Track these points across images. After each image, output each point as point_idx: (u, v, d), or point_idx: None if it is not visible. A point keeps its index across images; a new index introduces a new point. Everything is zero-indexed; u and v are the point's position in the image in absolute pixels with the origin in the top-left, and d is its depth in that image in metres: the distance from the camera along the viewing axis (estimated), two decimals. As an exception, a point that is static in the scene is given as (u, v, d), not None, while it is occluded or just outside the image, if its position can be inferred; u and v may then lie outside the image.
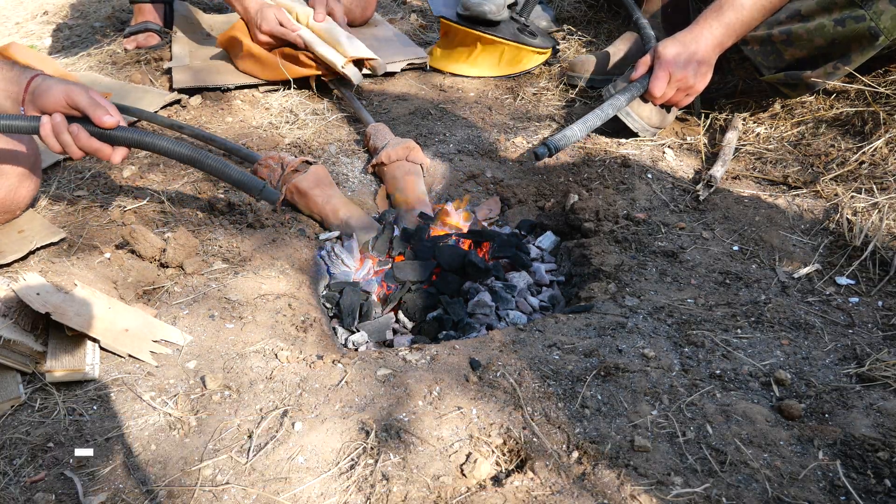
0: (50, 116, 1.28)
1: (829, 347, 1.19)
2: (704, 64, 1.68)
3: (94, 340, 1.17)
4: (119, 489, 0.96)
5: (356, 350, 1.36)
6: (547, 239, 1.66)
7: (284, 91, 2.17)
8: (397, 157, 1.77)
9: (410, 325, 1.45)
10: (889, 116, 1.66)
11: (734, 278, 1.37)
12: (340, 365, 1.18)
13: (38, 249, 1.42)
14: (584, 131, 1.70)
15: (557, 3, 2.73)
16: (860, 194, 1.52)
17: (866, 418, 1.03)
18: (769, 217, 1.53)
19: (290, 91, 2.17)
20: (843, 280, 1.35)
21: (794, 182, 1.63)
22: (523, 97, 2.18)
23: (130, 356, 1.18)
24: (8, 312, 1.17)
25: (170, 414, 1.08)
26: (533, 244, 1.67)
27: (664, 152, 1.81)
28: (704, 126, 1.90)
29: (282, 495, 0.95)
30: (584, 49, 2.46)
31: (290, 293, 1.38)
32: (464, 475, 0.97)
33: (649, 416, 1.05)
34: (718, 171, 1.63)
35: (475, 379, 1.12)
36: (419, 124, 2.03)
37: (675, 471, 0.96)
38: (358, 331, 1.41)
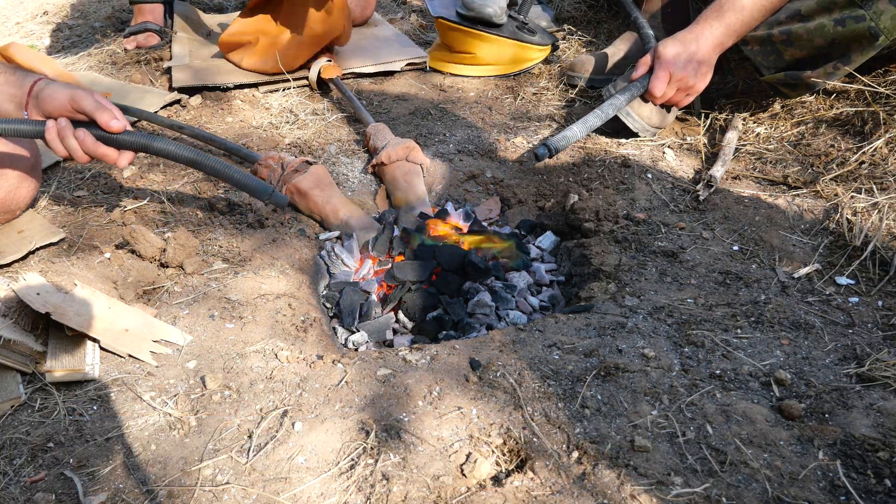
0: (55, 121, 1.28)
1: (829, 347, 1.19)
2: (704, 64, 1.68)
3: (94, 340, 1.17)
4: (119, 489, 0.96)
5: (356, 350, 1.36)
6: (547, 239, 1.66)
7: (284, 91, 2.17)
8: (397, 158, 1.77)
9: (410, 325, 1.45)
10: (889, 116, 1.66)
11: (734, 278, 1.37)
12: (340, 365, 1.18)
13: (38, 249, 1.42)
14: (585, 131, 1.70)
15: (557, 3, 2.73)
16: (860, 194, 1.52)
17: (866, 418, 1.03)
18: (769, 217, 1.53)
19: (290, 91, 2.17)
20: (843, 280, 1.35)
21: (794, 182, 1.63)
22: (523, 97, 2.18)
23: (130, 356, 1.18)
24: (8, 312, 1.17)
25: (170, 414, 1.08)
26: (533, 244, 1.67)
27: (664, 152, 1.81)
28: (704, 126, 1.90)
29: (282, 495, 0.95)
30: (584, 49, 2.46)
31: (290, 293, 1.38)
32: (464, 475, 0.97)
33: (649, 416, 1.05)
34: (718, 171, 1.63)
35: (475, 379, 1.12)
36: (419, 124, 2.03)
37: (675, 471, 0.96)
38: (358, 331, 1.41)
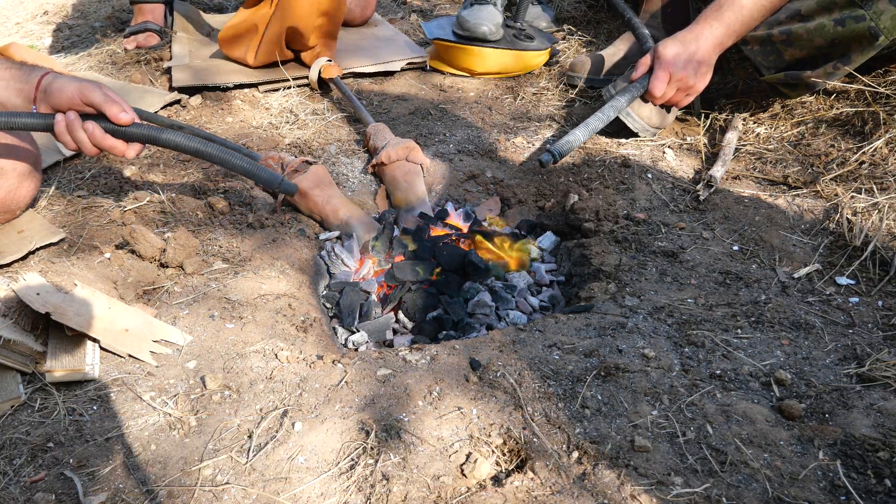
0: (64, 114, 1.30)
1: (830, 347, 1.19)
2: (704, 64, 1.68)
3: (94, 340, 1.17)
4: (119, 489, 0.96)
5: (356, 350, 1.36)
6: (547, 239, 1.66)
7: (284, 91, 2.17)
8: (397, 158, 1.77)
9: (410, 325, 1.45)
10: (889, 116, 1.66)
11: (734, 278, 1.37)
12: (340, 365, 1.18)
13: (38, 249, 1.42)
14: (587, 135, 1.70)
15: (557, 3, 2.73)
16: (860, 194, 1.52)
17: (866, 418, 1.03)
18: (769, 217, 1.53)
19: (290, 91, 2.17)
20: (843, 280, 1.35)
21: (794, 182, 1.63)
22: (523, 97, 2.18)
23: (130, 356, 1.18)
24: (8, 312, 1.16)
25: (170, 414, 1.07)
26: (533, 244, 1.66)
27: (664, 152, 1.81)
28: (704, 126, 1.90)
29: (282, 495, 0.95)
30: (584, 49, 2.46)
31: (290, 293, 1.38)
32: (464, 475, 0.97)
33: (649, 417, 1.05)
34: (718, 171, 1.63)
35: (475, 379, 1.12)
36: (419, 124, 2.03)
37: (676, 471, 0.96)
38: (358, 331, 1.41)
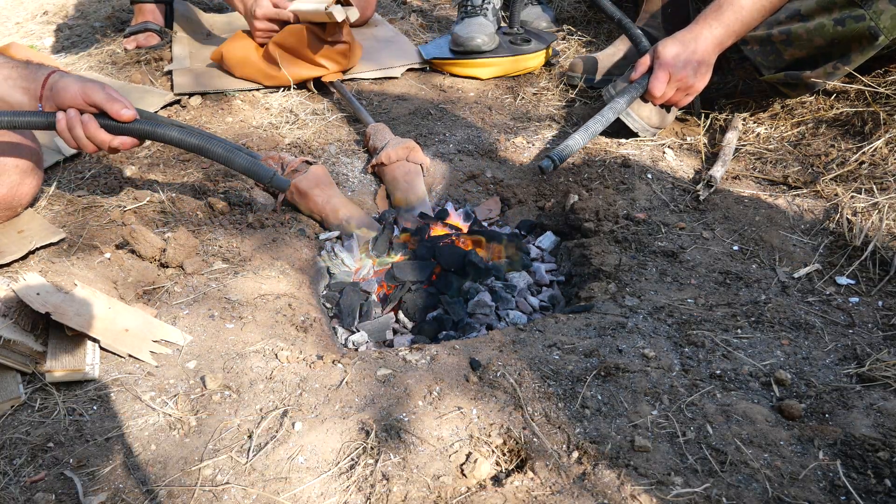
0: (65, 112, 1.32)
1: (830, 347, 1.19)
2: (704, 64, 1.68)
3: (94, 340, 1.17)
4: (119, 489, 0.96)
5: (356, 350, 1.36)
6: (547, 239, 1.66)
7: (284, 91, 2.17)
8: (397, 158, 1.76)
9: (410, 325, 1.45)
10: (889, 116, 1.66)
11: (734, 278, 1.37)
12: (340, 365, 1.18)
13: (38, 249, 1.42)
14: (587, 138, 1.70)
15: (557, 3, 2.74)
16: (860, 194, 1.52)
17: (866, 418, 1.03)
18: (769, 217, 1.53)
19: (290, 91, 2.17)
20: (843, 280, 1.35)
21: (794, 182, 1.63)
22: (523, 97, 2.18)
23: (130, 356, 1.18)
24: (8, 312, 1.17)
25: (170, 414, 1.07)
26: (533, 244, 1.67)
27: (664, 152, 1.81)
28: (704, 126, 1.90)
29: (282, 495, 0.95)
30: (584, 49, 2.46)
31: (290, 293, 1.38)
32: (464, 475, 0.97)
33: (649, 416, 1.05)
34: (718, 171, 1.63)
35: (475, 379, 1.12)
36: (419, 124, 2.03)
37: (676, 471, 0.96)
38: (358, 331, 1.41)
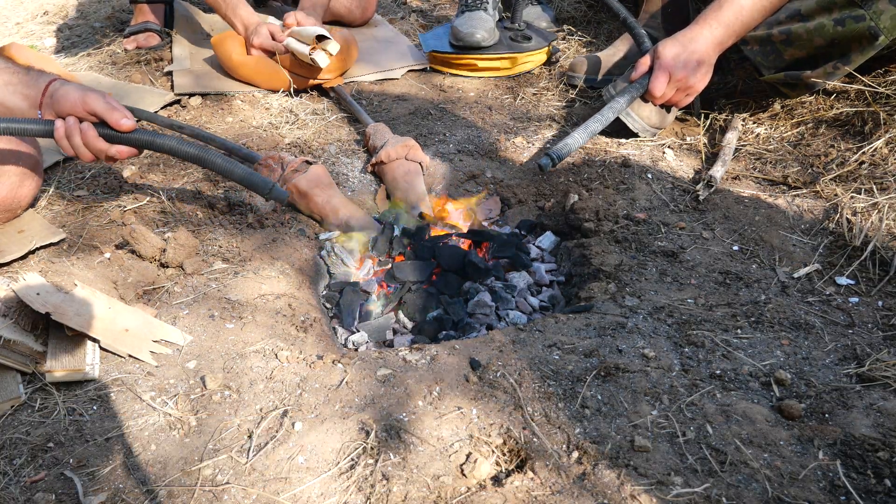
0: (63, 120, 1.31)
1: (829, 347, 1.19)
2: (704, 64, 1.68)
3: (94, 340, 1.17)
4: (119, 489, 0.96)
5: (356, 350, 1.36)
6: (547, 239, 1.66)
7: (284, 91, 2.17)
8: (397, 156, 1.76)
9: (410, 325, 1.45)
10: (889, 116, 1.66)
11: (734, 278, 1.37)
12: (340, 365, 1.18)
13: (38, 249, 1.42)
14: (586, 137, 1.70)
15: (557, 4, 2.73)
16: (860, 194, 1.52)
17: (866, 418, 1.03)
18: (769, 217, 1.53)
19: (290, 92, 2.17)
20: (843, 280, 1.35)
21: (794, 182, 1.63)
22: (523, 97, 2.18)
23: (130, 356, 1.18)
24: (8, 312, 1.17)
25: (170, 414, 1.08)
26: (533, 244, 1.66)
27: (664, 152, 1.81)
28: (704, 126, 1.90)
29: (282, 495, 0.95)
30: (584, 49, 2.46)
31: (290, 293, 1.38)
32: (464, 475, 0.97)
33: (649, 416, 1.05)
34: (718, 172, 1.63)
35: (475, 379, 1.12)
36: (419, 124, 2.03)
37: (676, 471, 0.96)
38: (358, 331, 1.41)
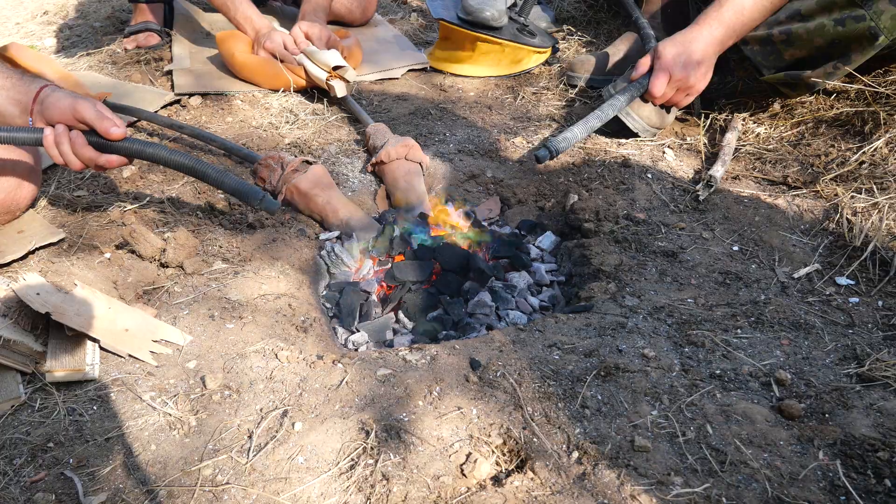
0: (52, 128, 1.29)
1: (829, 347, 1.19)
2: (704, 64, 1.68)
3: (94, 340, 1.17)
4: (119, 489, 0.96)
5: (356, 350, 1.36)
6: (547, 239, 1.66)
7: (284, 91, 2.17)
8: (397, 156, 1.76)
9: (410, 325, 1.45)
10: (889, 116, 1.66)
11: (734, 278, 1.37)
12: (340, 365, 1.18)
13: (38, 249, 1.42)
14: (585, 132, 1.69)
15: (557, 3, 2.73)
16: (860, 194, 1.52)
17: (866, 418, 1.03)
18: (769, 217, 1.53)
19: (290, 91, 2.17)
20: (843, 280, 1.35)
21: (794, 182, 1.63)
22: (523, 97, 2.18)
23: (130, 356, 1.18)
24: (8, 312, 1.17)
25: (170, 414, 1.08)
26: (533, 244, 1.66)
27: (664, 152, 1.81)
28: (704, 126, 1.90)
29: (282, 495, 0.95)
30: (584, 49, 2.46)
31: (290, 293, 1.38)
32: (464, 475, 0.97)
33: (649, 416, 1.05)
34: (718, 172, 1.63)
35: (475, 379, 1.12)
36: (419, 124, 2.03)
37: (676, 471, 0.96)
38: (358, 331, 1.41)
